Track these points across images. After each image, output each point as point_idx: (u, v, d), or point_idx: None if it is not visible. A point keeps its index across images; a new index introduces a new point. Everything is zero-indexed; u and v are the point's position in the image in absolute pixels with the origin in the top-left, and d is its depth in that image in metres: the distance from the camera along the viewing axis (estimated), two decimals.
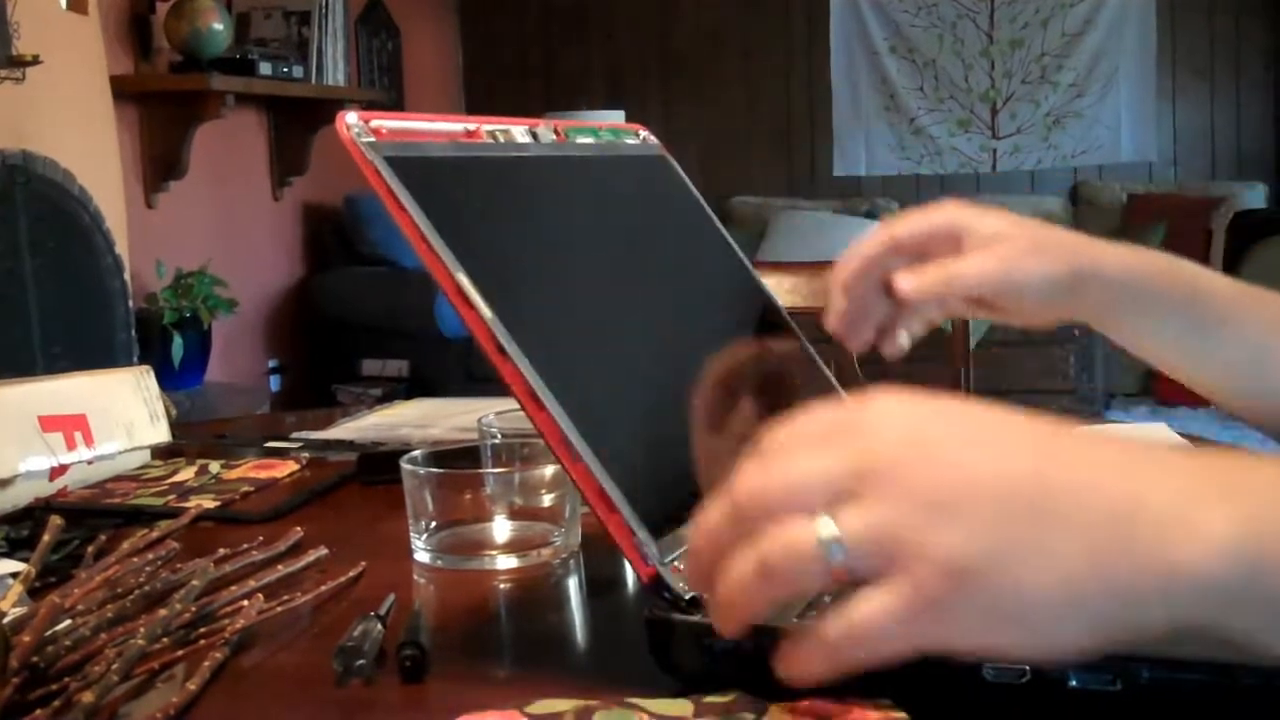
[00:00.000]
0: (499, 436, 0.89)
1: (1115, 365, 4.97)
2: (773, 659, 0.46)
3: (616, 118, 4.83)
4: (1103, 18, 5.75)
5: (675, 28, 6.06)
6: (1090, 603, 0.41)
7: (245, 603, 0.67)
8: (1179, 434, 1.03)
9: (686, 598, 0.55)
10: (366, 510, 0.93)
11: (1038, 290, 0.75)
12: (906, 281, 0.76)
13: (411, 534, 0.77)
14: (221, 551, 0.76)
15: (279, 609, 0.67)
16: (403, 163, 0.59)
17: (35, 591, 0.70)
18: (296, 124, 4.43)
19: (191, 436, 1.19)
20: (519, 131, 0.71)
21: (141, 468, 1.06)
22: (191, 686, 0.56)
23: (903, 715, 0.50)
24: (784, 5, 5.96)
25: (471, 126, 0.68)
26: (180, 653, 0.61)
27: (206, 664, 0.59)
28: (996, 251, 0.75)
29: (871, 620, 0.42)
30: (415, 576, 0.76)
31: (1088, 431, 0.46)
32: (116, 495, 0.96)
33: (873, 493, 0.43)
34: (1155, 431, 1.05)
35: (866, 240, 0.78)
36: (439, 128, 0.65)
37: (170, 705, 0.54)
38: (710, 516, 0.46)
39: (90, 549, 0.78)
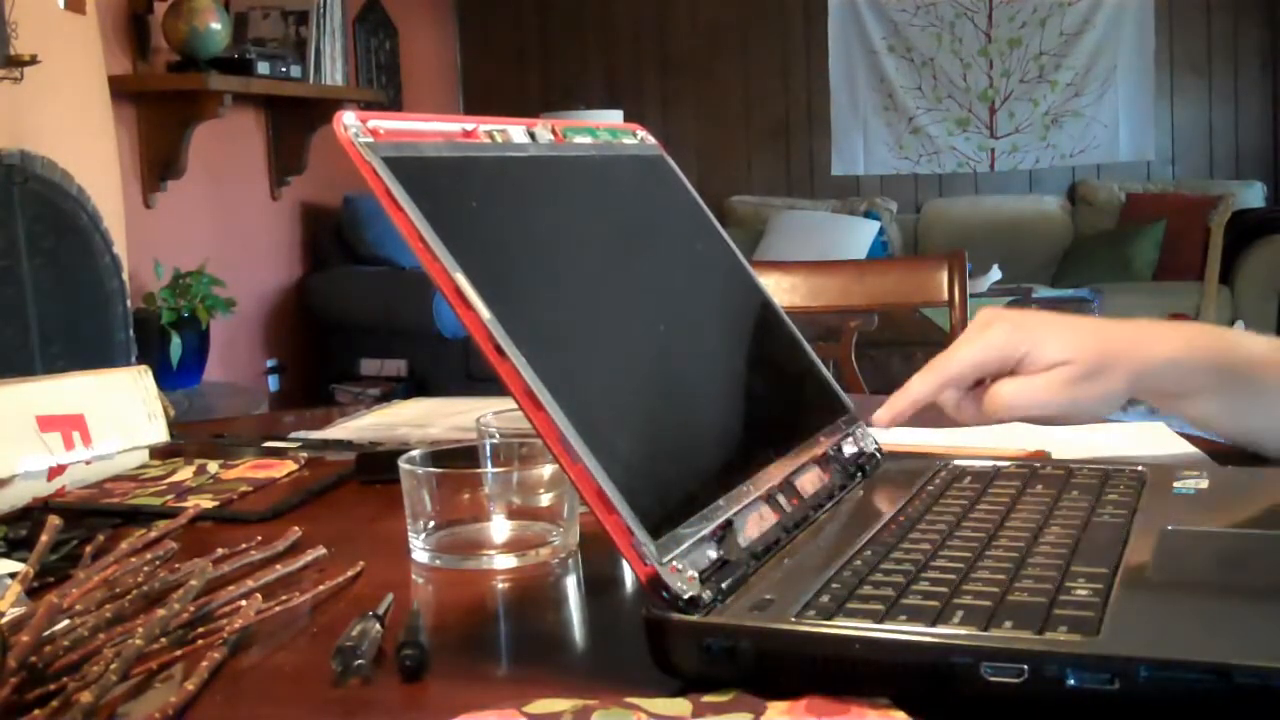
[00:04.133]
0: (497, 436, 0.89)
1: None
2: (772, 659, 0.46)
3: (614, 117, 4.83)
4: (1101, 17, 5.75)
5: (673, 28, 6.06)
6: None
7: (243, 602, 0.67)
8: (1178, 434, 1.03)
9: (685, 597, 0.55)
10: (365, 510, 0.93)
11: (1104, 407, 0.81)
12: (967, 416, 0.82)
13: (410, 533, 0.77)
14: (220, 551, 0.76)
15: (277, 609, 0.67)
16: (400, 163, 0.59)
17: (33, 591, 0.69)
18: (294, 123, 4.43)
19: (190, 436, 1.19)
20: (517, 131, 0.71)
21: (139, 467, 1.06)
22: (190, 686, 0.56)
23: (902, 715, 0.50)
24: (782, 5, 5.96)
25: (469, 126, 0.68)
26: (178, 653, 0.61)
27: (205, 664, 0.59)
28: (1061, 378, 0.80)
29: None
30: (414, 576, 0.76)
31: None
32: (114, 495, 0.96)
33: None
34: (1155, 431, 1.05)
35: (919, 381, 0.82)
36: (437, 128, 0.65)
37: (168, 705, 0.54)
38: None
39: (88, 549, 0.78)
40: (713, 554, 0.59)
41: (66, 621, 0.62)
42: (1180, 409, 0.85)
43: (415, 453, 0.80)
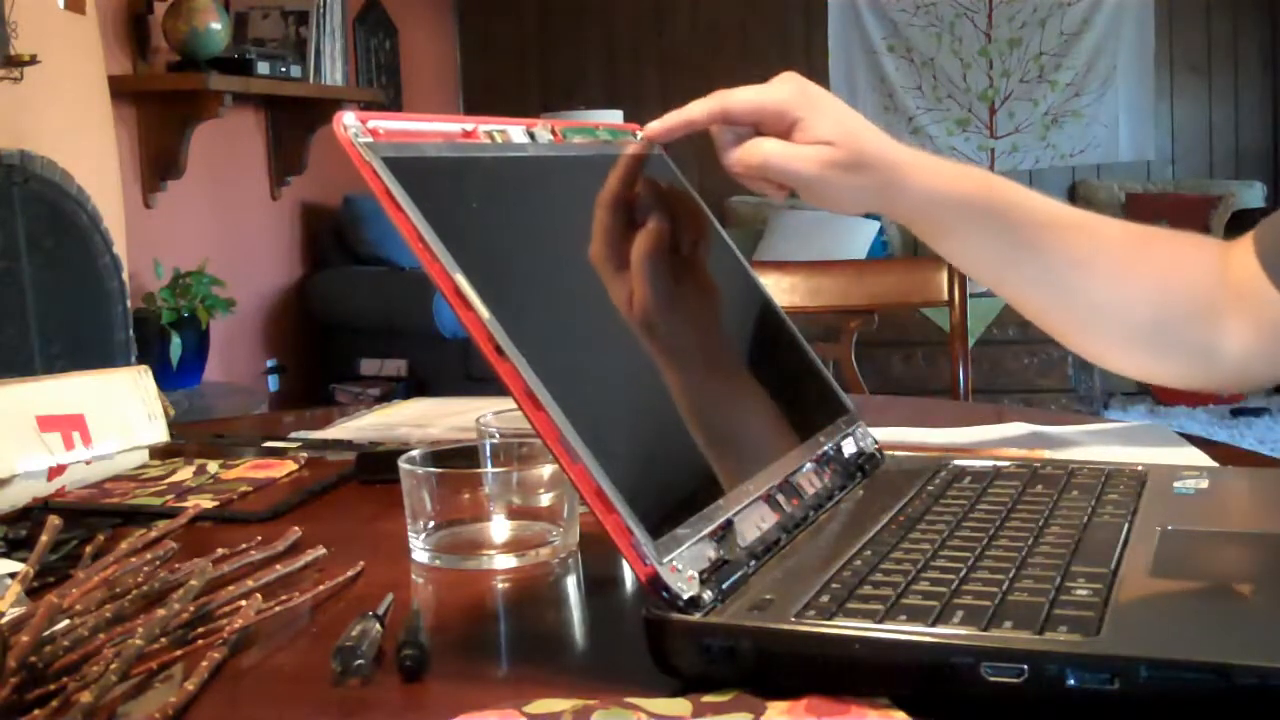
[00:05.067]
0: (497, 436, 0.89)
1: None
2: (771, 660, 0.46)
3: (614, 117, 4.83)
4: (1100, 17, 5.75)
5: (673, 28, 6.06)
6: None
7: (243, 602, 0.67)
8: (1178, 434, 1.03)
9: (685, 597, 0.55)
10: (365, 510, 0.93)
11: (847, 201, 0.83)
12: (729, 158, 0.83)
13: (410, 533, 0.77)
14: (220, 551, 0.76)
15: (277, 609, 0.67)
16: (400, 163, 0.59)
17: (33, 591, 0.70)
18: (294, 123, 4.43)
19: (189, 436, 1.19)
20: (516, 131, 0.71)
21: (139, 467, 1.06)
22: (189, 686, 0.56)
23: (902, 715, 0.50)
24: (782, 5, 5.96)
25: (469, 127, 0.68)
26: (178, 653, 0.61)
27: (204, 664, 0.59)
28: (818, 156, 0.81)
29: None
30: (413, 576, 0.76)
31: None
32: (114, 495, 0.96)
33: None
34: (1154, 431, 1.05)
35: (698, 105, 0.82)
36: (436, 128, 0.65)
37: (168, 705, 0.54)
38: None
39: (88, 549, 0.78)
40: (713, 554, 0.59)
41: (66, 621, 0.62)
42: (938, 247, 0.87)
43: (415, 453, 0.80)
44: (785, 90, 0.83)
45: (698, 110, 0.82)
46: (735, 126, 0.84)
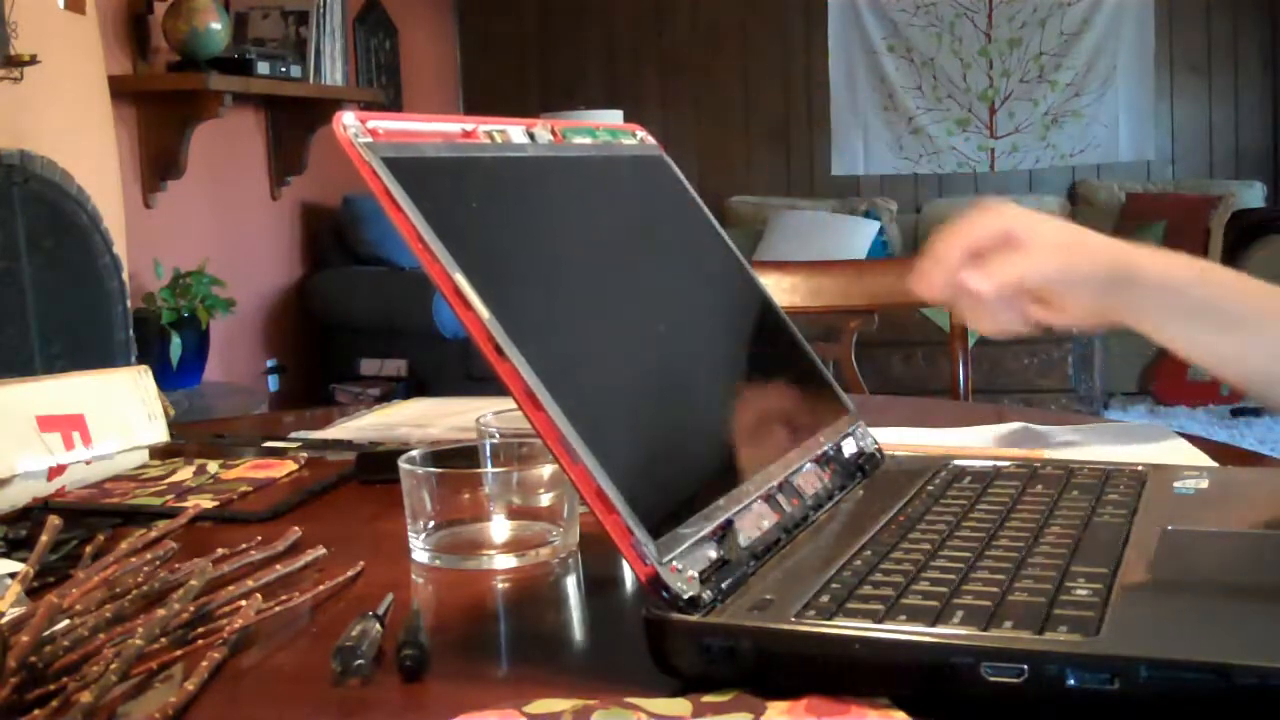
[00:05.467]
0: (497, 436, 0.89)
1: (1113, 365, 4.97)
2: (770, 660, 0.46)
3: (614, 118, 4.83)
4: (1100, 17, 5.75)
5: (673, 28, 6.06)
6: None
7: (243, 602, 0.67)
8: (1179, 435, 1.03)
9: (685, 597, 0.55)
10: (365, 510, 0.93)
11: (1086, 297, 0.81)
12: (981, 282, 0.81)
13: (410, 533, 0.77)
14: (220, 551, 0.76)
15: (277, 609, 0.67)
16: (400, 163, 0.59)
17: (33, 591, 0.70)
18: (294, 124, 4.43)
19: (189, 436, 1.19)
20: (516, 132, 0.71)
21: (139, 467, 1.06)
22: (189, 686, 0.56)
23: (902, 715, 0.50)
24: (782, 5, 5.96)
25: (469, 127, 0.68)
26: (178, 653, 0.61)
27: (204, 664, 0.59)
28: (1054, 251, 0.81)
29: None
30: (413, 576, 0.76)
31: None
32: (114, 495, 0.96)
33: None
34: (1154, 431, 1.05)
35: (941, 246, 0.83)
36: (436, 128, 0.65)
37: (168, 705, 0.54)
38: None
39: (88, 549, 0.78)
40: (713, 554, 0.59)
41: (66, 621, 0.62)
42: (1161, 333, 0.85)
43: (415, 453, 0.80)
44: (1005, 214, 0.83)
45: (943, 250, 0.82)
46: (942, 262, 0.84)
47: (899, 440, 1.00)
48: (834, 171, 6.04)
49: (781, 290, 1.83)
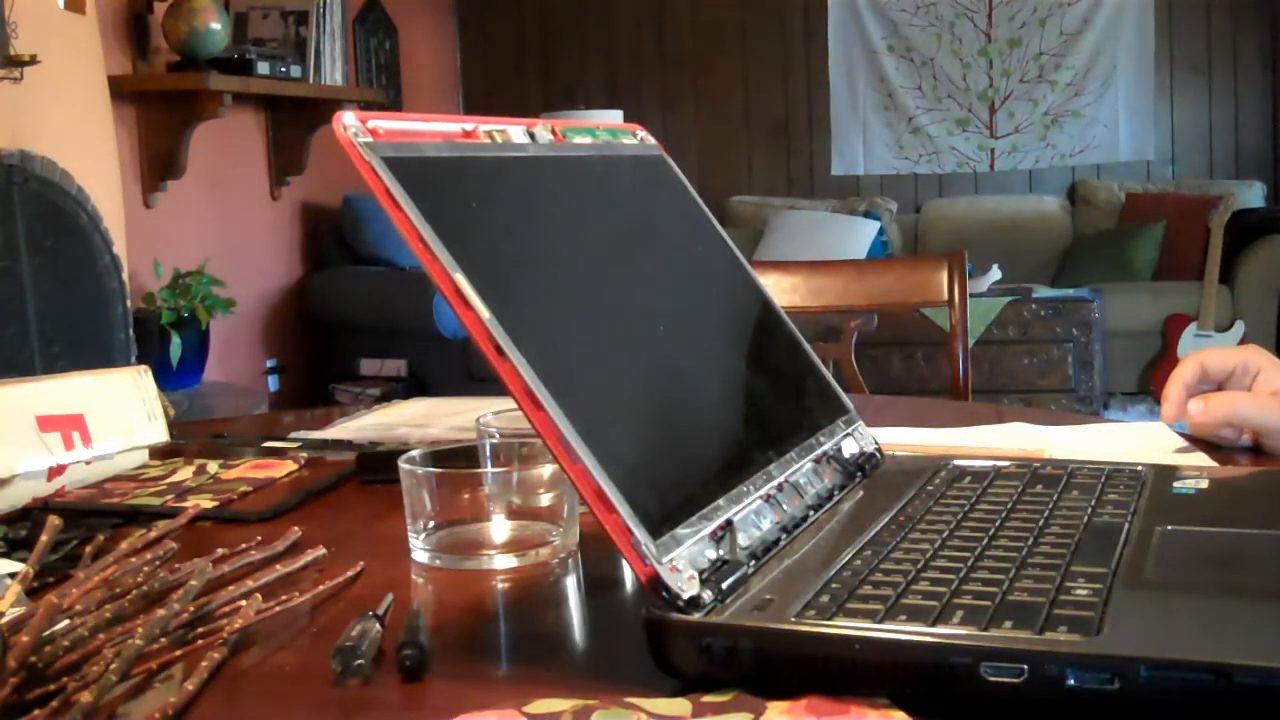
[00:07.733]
0: (497, 436, 0.89)
1: (1113, 365, 4.97)
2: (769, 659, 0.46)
3: (614, 117, 4.83)
4: (1100, 17, 5.75)
5: (673, 27, 6.06)
6: None
7: (243, 602, 0.67)
8: (1178, 434, 1.03)
9: (685, 597, 0.55)
10: (365, 510, 0.93)
11: None
12: (1197, 410, 0.96)
13: (410, 533, 0.77)
14: (219, 551, 0.76)
15: (277, 609, 0.67)
16: (400, 163, 0.59)
17: (33, 592, 0.70)
18: (294, 123, 4.43)
19: (189, 436, 1.19)
20: (516, 131, 0.71)
21: (139, 467, 1.06)
22: (189, 686, 0.56)
23: (902, 715, 0.50)
24: (782, 5, 5.96)
25: (469, 126, 0.68)
26: (178, 653, 0.61)
27: (204, 664, 0.59)
28: (1267, 399, 0.94)
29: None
30: (413, 576, 0.76)
31: None
32: (114, 495, 0.96)
33: None
34: (1155, 431, 1.05)
35: (1183, 371, 0.98)
36: (436, 128, 0.65)
37: (168, 705, 0.54)
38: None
39: (88, 549, 0.78)
40: (713, 554, 0.59)
41: (66, 621, 0.62)
42: None
43: (415, 453, 0.80)
44: (1247, 350, 0.98)
45: (1187, 374, 0.97)
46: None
47: (899, 440, 1.00)
48: (834, 171, 6.04)
49: (781, 290, 1.83)
